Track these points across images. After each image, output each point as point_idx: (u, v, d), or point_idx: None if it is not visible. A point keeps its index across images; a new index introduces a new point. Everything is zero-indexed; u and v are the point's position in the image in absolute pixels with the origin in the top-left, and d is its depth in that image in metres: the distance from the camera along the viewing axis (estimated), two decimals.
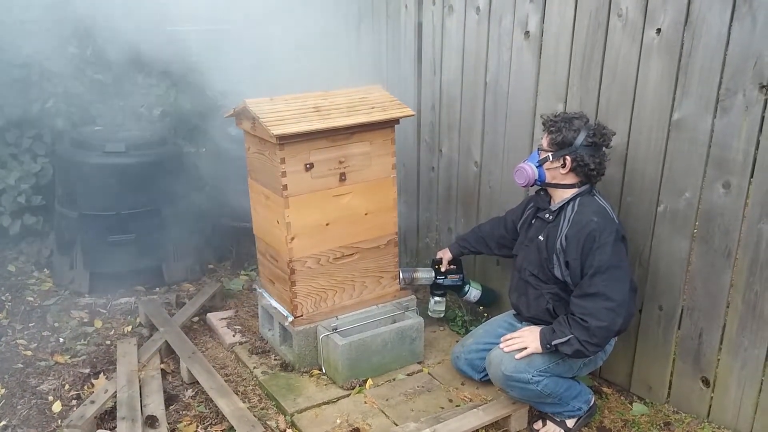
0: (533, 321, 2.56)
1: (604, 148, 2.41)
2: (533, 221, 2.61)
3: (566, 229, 2.38)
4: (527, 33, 2.85)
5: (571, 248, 2.34)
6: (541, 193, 2.59)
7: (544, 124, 2.48)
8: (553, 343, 2.33)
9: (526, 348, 2.40)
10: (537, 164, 2.46)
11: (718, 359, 2.47)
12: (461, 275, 3.14)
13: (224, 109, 3.04)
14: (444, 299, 3.19)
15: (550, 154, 2.42)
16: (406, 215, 3.80)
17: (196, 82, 4.16)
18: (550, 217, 2.48)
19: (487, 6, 3.01)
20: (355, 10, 3.89)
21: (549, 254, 2.43)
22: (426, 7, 3.38)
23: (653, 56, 2.40)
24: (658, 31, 2.37)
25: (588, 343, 2.26)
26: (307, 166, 2.68)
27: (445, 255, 3.10)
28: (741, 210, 2.28)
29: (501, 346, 2.47)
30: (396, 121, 2.85)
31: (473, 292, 3.17)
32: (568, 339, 2.29)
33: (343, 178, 2.78)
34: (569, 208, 2.41)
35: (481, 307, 3.22)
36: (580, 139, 2.36)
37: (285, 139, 2.56)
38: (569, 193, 2.44)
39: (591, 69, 2.61)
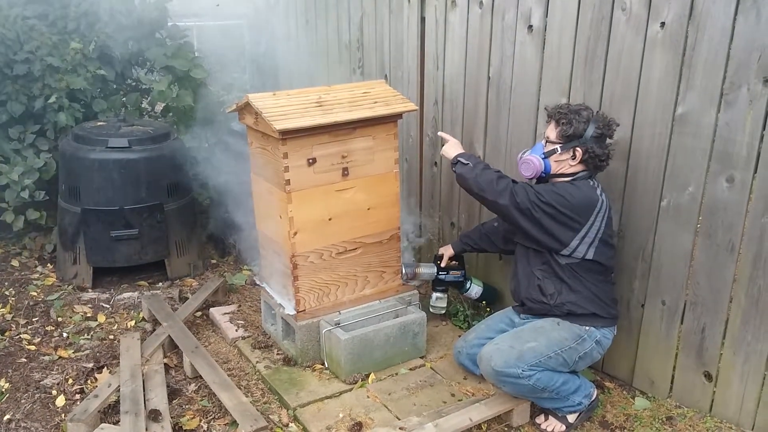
0: (528, 303, 2.58)
1: (608, 139, 2.42)
2: None
3: None
4: (530, 27, 2.84)
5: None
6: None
7: (550, 115, 2.47)
8: (458, 158, 2.59)
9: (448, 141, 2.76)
10: (543, 156, 2.47)
11: (721, 354, 2.46)
12: (463, 272, 3.14)
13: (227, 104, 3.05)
14: (445, 295, 3.19)
15: (558, 146, 2.42)
16: (408, 210, 3.80)
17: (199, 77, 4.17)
18: None
19: (490, 0, 3.00)
20: (358, 3, 3.88)
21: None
22: (429, 2, 3.37)
23: (657, 50, 2.39)
24: (662, 24, 2.36)
25: (474, 179, 2.48)
26: (310, 161, 2.68)
27: (447, 251, 3.10)
28: (744, 204, 2.28)
29: (439, 133, 2.89)
30: (399, 115, 2.85)
31: (474, 289, 3.18)
32: (467, 165, 2.53)
33: (345, 173, 2.78)
34: None
35: (483, 302, 3.23)
36: (590, 130, 2.37)
37: (288, 134, 2.56)
38: (567, 180, 2.46)
39: (594, 63, 2.61)
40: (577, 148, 2.39)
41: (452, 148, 2.70)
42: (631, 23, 2.45)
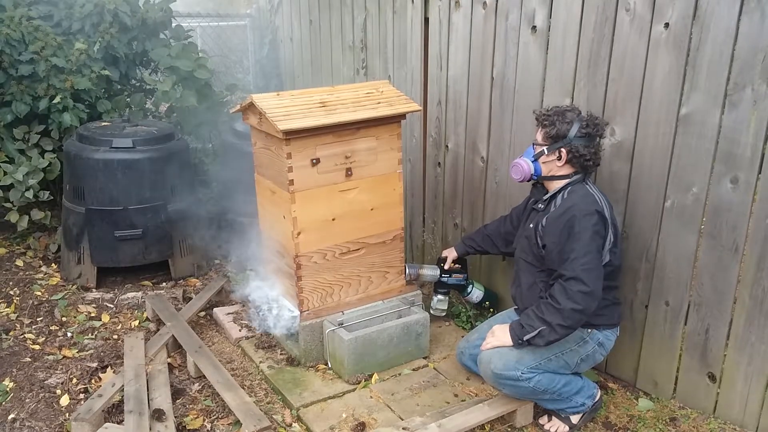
0: None
1: (598, 138, 2.42)
2: (530, 213, 2.62)
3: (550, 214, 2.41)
4: (534, 28, 2.84)
5: (551, 231, 2.38)
6: (539, 185, 2.61)
7: (537, 118, 2.50)
8: (525, 338, 2.34)
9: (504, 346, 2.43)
10: (532, 159, 2.48)
11: (725, 355, 2.46)
12: (465, 275, 3.15)
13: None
14: (447, 298, 3.19)
15: (545, 147, 2.45)
16: (411, 211, 3.80)
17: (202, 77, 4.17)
18: (542, 206, 2.51)
19: (494, 1, 3.00)
20: (362, 4, 3.89)
21: (536, 239, 2.47)
22: (432, 3, 3.37)
23: (661, 51, 2.39)
24: (666, 25, 2.36)
25: (561, 326, 2.27)
26: (314, 161, 2.68)
27: (451, 254, 3.10)
28: (749, 205, 2.27)
29: (481, 347, 2.49)
30: (402, 116, 2.85)
31: (476, 293, 3.18)
32: (539, 331, 2.30)
33: (349, 173, 2.79)
34: (559, 196, 2.44)
35: (487, 302, 3.23)
36: (574, 130, 2.37)
37: (291, 134, 2.57)
38: (562, 183, 2.46)
39: (598, 64, 2.61)
40: (562, 149, 2.40)
41: (503, 334, 2.43)
42: (635, 24, 2.45)
